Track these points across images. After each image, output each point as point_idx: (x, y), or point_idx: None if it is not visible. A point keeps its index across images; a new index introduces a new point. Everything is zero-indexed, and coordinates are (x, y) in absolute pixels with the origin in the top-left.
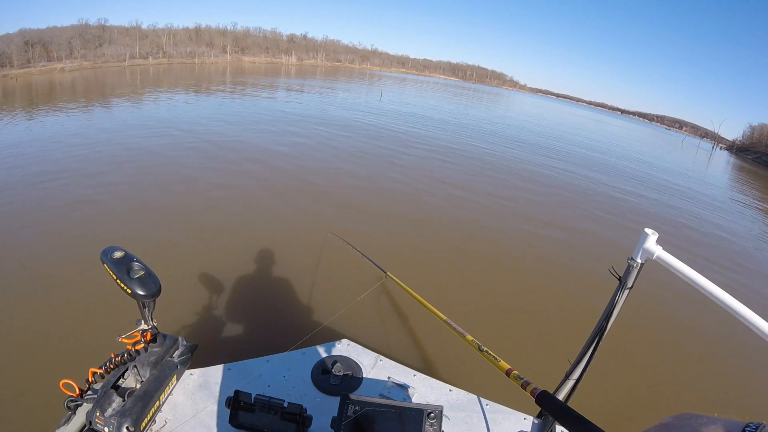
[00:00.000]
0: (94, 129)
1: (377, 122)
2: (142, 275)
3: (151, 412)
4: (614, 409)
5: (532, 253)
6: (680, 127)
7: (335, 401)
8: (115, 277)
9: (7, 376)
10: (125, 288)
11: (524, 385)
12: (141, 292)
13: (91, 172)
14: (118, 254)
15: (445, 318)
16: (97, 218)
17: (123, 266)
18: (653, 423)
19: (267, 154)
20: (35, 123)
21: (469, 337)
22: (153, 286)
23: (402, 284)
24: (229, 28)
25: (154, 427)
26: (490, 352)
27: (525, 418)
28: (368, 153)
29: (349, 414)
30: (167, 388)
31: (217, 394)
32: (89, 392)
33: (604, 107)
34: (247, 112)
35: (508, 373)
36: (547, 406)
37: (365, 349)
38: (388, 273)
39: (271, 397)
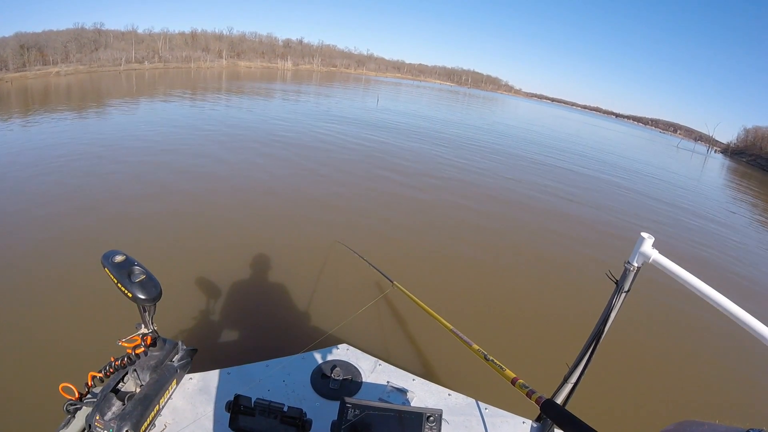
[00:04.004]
0: (93, 133)
1: (378, 127)
2: (142, 279)
3: (150, 416)
4: (614, 414)
5: (532, 259)
6: (675, 131)
7: (335, 405)
8: (115, 281)
9: (7, 379)
10: (126, 292)
11: (529, 394)
12: (141, 296)
13: (92, 176)
14: (119, 258)
15: (451, 327)
16: (98, 222)
17: (124, 270)
18: (653, 429)
19: (272, 159)
20: (31, 127)
21: (475, 347)
22: (153, 290)
23: (409, 294)
24: (225, 32)
25: (154, 431)
26: (495, 361)
27: (524, 422)
28: (373, 159)
29: (348, 418)
30: (167, 392)
31: (216, 398)
32: (89, 396)
33: (599, 111)
34: (248, 116)
35: (513, 381)
36: (552, 415)
37: (364, 353)
38: (395, 282)
39: (270, 401)
